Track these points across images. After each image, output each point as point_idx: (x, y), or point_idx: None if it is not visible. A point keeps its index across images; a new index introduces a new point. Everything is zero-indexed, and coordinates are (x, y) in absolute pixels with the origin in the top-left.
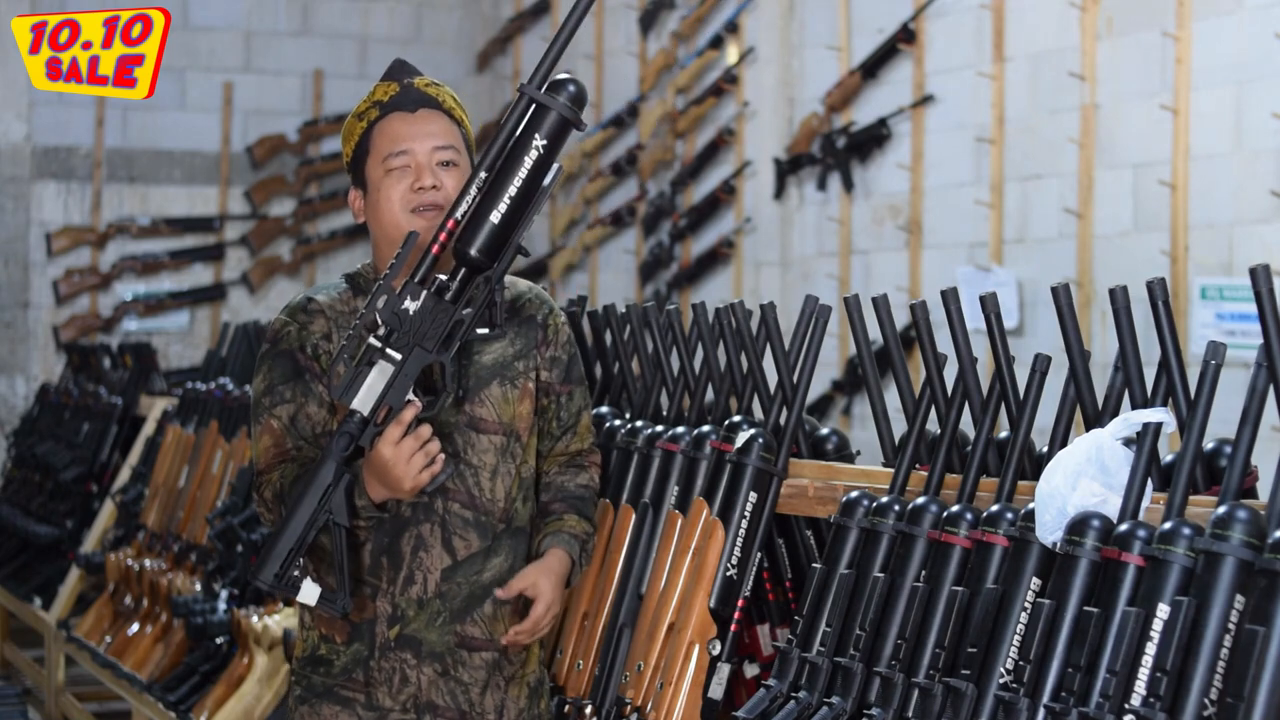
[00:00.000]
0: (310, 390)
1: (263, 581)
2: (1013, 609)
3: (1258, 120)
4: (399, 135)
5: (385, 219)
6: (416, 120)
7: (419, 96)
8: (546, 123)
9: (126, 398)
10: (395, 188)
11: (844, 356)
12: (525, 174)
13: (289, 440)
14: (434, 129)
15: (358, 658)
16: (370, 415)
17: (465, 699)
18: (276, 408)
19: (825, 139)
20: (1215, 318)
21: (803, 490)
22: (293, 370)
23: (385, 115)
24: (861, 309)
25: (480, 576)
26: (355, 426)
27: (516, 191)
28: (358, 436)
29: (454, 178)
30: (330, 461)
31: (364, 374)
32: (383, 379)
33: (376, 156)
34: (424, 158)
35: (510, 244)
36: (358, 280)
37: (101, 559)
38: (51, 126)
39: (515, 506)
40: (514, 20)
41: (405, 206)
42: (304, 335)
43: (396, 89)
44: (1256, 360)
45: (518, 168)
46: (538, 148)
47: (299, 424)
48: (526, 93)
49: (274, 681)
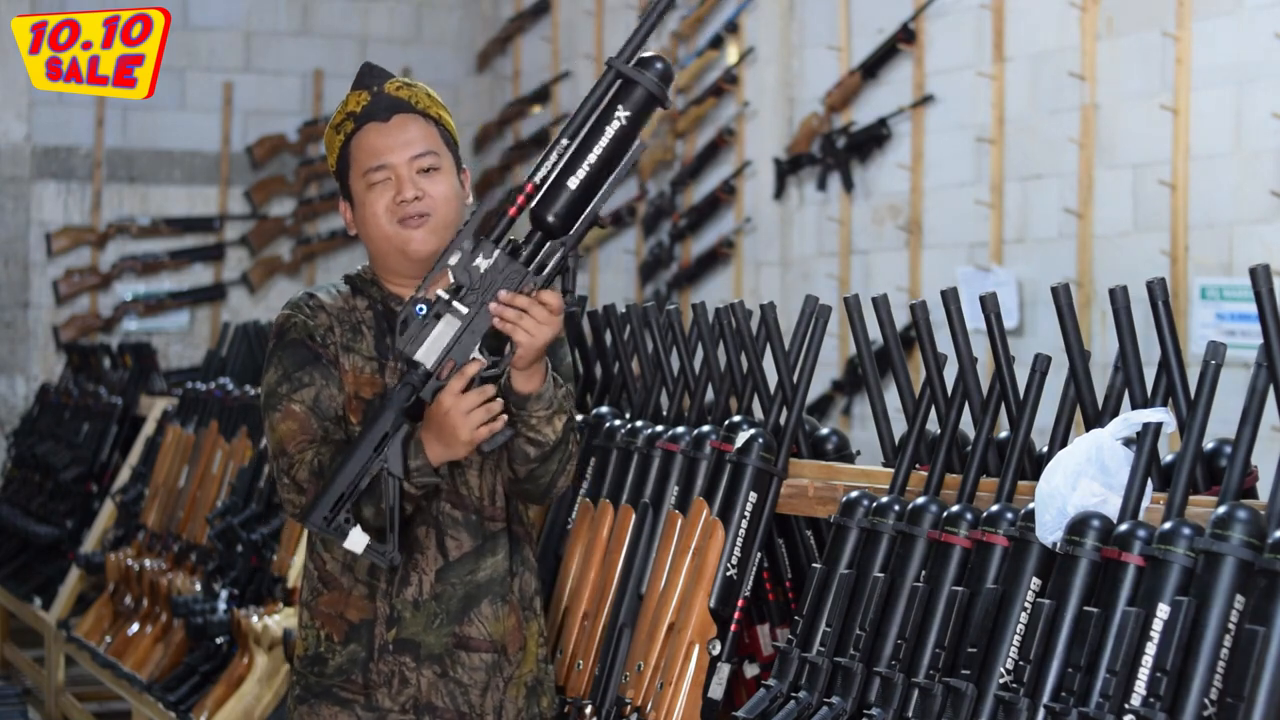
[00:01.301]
0: (330, 374)
1: (312, 524)
2: (1013, 609)
3: (1258, 120)
4: (375, 149)
5: (374, 233)
6: (391, 130)
7: (390, 103)
8: (632, 97)
9: (126, 398)
10: (379, 201)
11: (844, 356)
12: (607, 144)
13: (314, 421)
14: (410, 136)
15: (354, 659)
16: (434, 368)
17: (464, 700)
18: (297, 393)
19: (825, 139)
20: (1215, 318)
21: (803, 490)
22: (307, 356)
23: (360, 128)
24: (861, 309)
25: (475, 576)
26: (418, 378)
27: (597, 160)
28: (419, 388)
29: (437, 181)
30: (390, 410)
31: (430, 326)
32: (449, 332)
33: (357, 170)
34: (403, 169)
35: (587, 212)
36: (356, 281)
37: (101, 559)
38: (51, 126)
39: (505, 505)
40: (514, 20)
41: (391, 219)
42: (310, 326)
43: (368, 98)
44: (1256, 360)
45: (599, 137)
46: (621, 119)
47: (322, 405)
48: (614, 66)
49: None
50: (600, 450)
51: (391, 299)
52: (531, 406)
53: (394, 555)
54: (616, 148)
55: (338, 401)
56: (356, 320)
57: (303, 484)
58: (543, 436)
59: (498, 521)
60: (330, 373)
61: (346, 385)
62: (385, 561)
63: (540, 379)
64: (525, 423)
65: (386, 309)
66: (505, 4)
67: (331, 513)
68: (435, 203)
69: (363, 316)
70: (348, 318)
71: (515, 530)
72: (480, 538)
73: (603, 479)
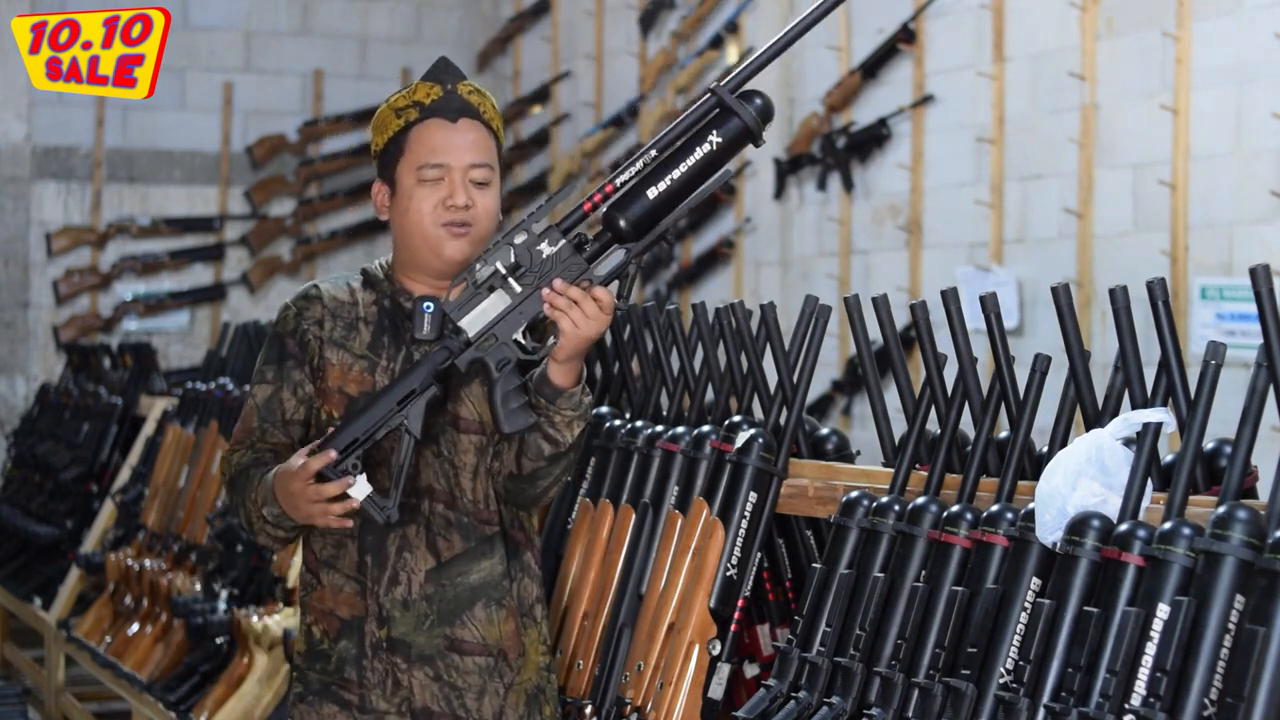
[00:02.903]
0: (288, 376)
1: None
2: (1013, 609)
3: (1258, 120)
4: (437, 146)
5: (413, 228)
6: (456, 132)
7: (461, 105)
8: (728, 125)
9: (126, 398)
10: (428, 199)
11: (844, 356)
12: (693, 164)
13: (255, 420)
14: (472, 142)
15: (346, 655)
16: (475, 339)
17: (460, 704)
18: (256, 387)
19: (825, 139)
20: (1215, 318)
21: (803, 490)
22: (278, 354)
23: (425, 119)
24: (861, 309)
25: (467, 579)
26: (458, 345)
27: (680, 176)
28: (456, 354)
29: (486, 195)
30: (422, 370)
31: (481, 297)
32: (498, 307)
33: (410, 161)
34: (458, 174)
35: (660, 225)
36: (370, 275)
37: (101, 559)
38: (51, 126)
39: (499, 509)
40: (514, 20)
41: (436, 220)
42: (298, 320)
43: (440, 93)
44: (1256, 360)
45: (687, 156)
46: (713, 143)
47: (271, 406)
48: (718, 94)
49: (274, 681)
50: (600, 450)
51: (401, 295)
52: (560, 403)
53: (392, 512)
54: (702, 170)
55: (287, 405)
56: (355, 316)
57: (226, 484)
58: (561, 436)
59: (491, 525)
60: (291, 375)
61: (331, 379)
62: (383, 517)
63: (575, 377)
64: (549, 418)
65: (395, 304)
66: (505, 4)
67: (341, 456)
68: (480, 215)
69: (364, 313)
70: (347, 312)
71: (514, 535)
72: (473, 540)
73: (603, 479)
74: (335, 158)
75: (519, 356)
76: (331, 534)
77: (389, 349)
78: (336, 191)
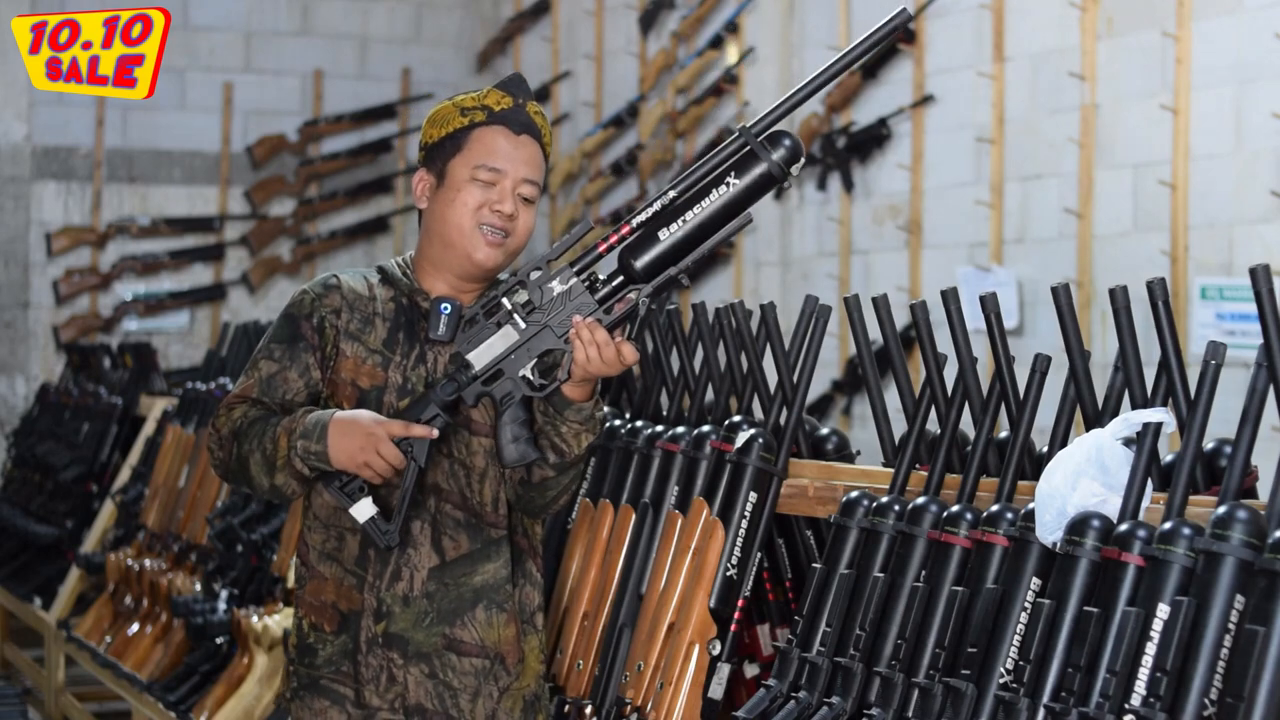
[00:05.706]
0: (298, 357)
1: (325, 483)
2: (1013, 609)
3: (1258, 120)
4: (499, 151)
5: (451, 221)
6: (519, 144)
7: (527, 121)
8: (751, 169)
9: (126, 398)
10: (475, 196)
11: (844, 356)
12: (711, 208)
13: (256, 392)
14: (529, 158)
15: (344, 650)
16: (481, 373)
17: (454, 704)
18: (262, 362)
19: (825, 139)
20: (1215, 318)
21: (803, 490)
22: (291, 334)
23: (490, 124)
24: (861, 309)
25: (470, 580)
26: (466, 378)
27: (696, 221)
28: (464, 387)
29: (528, 212)
30: (431, 401)
31: (490, 331)
32: (504, 343)
33: (468, 158)
34: (511, 183)
35: (672, 270)
36: (387, 271)
37: (101, 559)
38: (51, 126)
39: (509, 515)
40: (514, 20)
41: (477, 220)
42: (316, 305)
43: (510, 104)
44: (1256, 360)
45: (704, 199)
46: (731, 185)
47: (274, 383)
48: (745, 137)
49: (274, 681)
50: (600, 450)
51: (419, 294)
52: (569, 414)
53: (393, 536)
54: (720, 214)
55: (292, 387)
56: (372, 311)
57: (224, 438)
58: (568, 446)
59: (499, 529)
60: (301, 357)
61: (344, 371)
62: (383, 541)
63: (588, 393)
64: (556, 428)
65: (412, 302)
66: (505, 4)
67: (346, 477)
68: (519, 229)
69: (381, 308)
70: (364, 306)
71: (519, 542)
72: (479, 542)
73: (603, 479)
74: (335, 158)
75: (525, 393)
76: (334, 526)
77: (404, 346)
78: (336, 191)
